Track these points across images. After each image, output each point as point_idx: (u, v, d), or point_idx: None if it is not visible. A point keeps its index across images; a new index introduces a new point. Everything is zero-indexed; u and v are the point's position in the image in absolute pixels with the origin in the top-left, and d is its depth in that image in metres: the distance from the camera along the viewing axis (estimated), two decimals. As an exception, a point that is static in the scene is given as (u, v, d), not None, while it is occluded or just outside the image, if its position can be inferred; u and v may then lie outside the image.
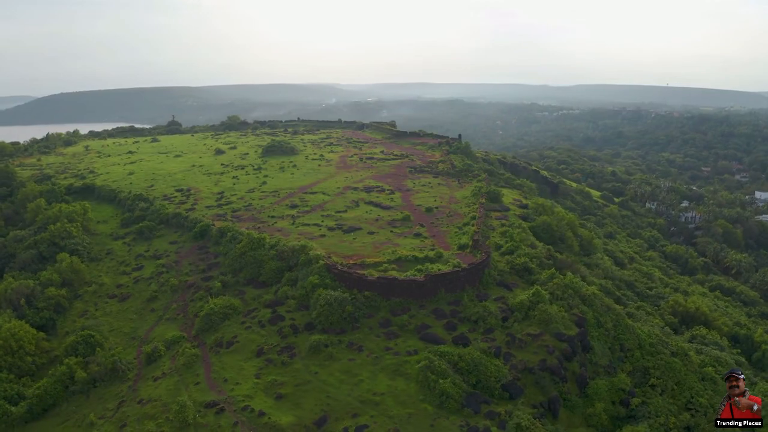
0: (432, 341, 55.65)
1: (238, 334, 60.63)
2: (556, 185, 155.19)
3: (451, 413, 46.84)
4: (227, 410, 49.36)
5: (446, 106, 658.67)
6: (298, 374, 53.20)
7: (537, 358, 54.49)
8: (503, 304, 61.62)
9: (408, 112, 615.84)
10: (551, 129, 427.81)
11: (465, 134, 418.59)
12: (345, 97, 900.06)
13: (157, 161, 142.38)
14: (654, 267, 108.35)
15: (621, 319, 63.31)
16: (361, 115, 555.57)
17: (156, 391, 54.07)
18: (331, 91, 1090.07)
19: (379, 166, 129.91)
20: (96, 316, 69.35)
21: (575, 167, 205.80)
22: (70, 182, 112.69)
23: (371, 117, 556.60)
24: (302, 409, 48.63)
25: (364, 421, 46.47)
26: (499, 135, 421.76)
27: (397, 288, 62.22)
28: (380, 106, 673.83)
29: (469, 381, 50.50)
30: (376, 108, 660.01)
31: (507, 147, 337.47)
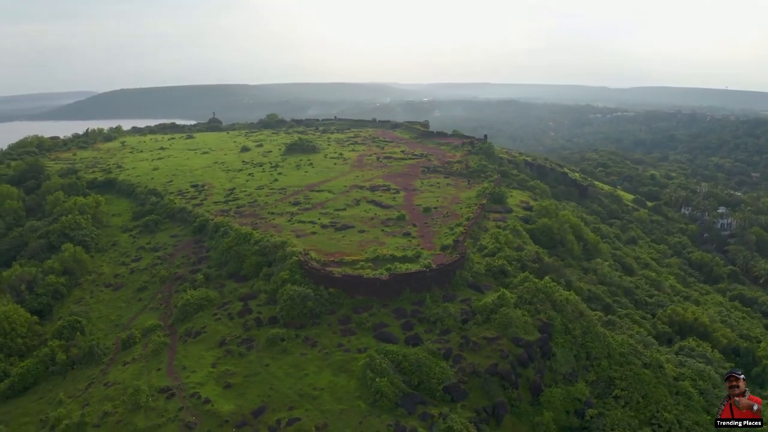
0: (385, 340, 56.86)
1: (207, 324, 63.90)
2: (585, 188, 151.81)
3: (384, 412, 47.96)
4: (177, 396, 52.51)
5: (500, 106, 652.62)
6: (251, 366, 55.74)
7: (488, 362, 54.65)
8: (467, 306, 61.94)
9: (461, 112, 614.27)
10: (603, 131, 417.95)
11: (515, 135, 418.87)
12: (401, 97, 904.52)
13: (184, 158, 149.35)
14: (670, 274, 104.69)
15: (592, 327, 62.20)
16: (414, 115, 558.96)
17: (122, 375, 57.96)
18: (387, 90, 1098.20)
19: (393, 165, 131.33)
20: (89, 303, 74.56)
21: (613, 170, 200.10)
22: (94, 176, 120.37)
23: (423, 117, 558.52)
24: (245, 399, 51.08)
25: (298, 414, 48.36)
26: (550, 136, 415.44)
27: (361, 286, 63.72)
28: (433, 106, 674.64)
29: (411, 381, 51.39)
30: (429, 108, 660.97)
31: (555, 149, 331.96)
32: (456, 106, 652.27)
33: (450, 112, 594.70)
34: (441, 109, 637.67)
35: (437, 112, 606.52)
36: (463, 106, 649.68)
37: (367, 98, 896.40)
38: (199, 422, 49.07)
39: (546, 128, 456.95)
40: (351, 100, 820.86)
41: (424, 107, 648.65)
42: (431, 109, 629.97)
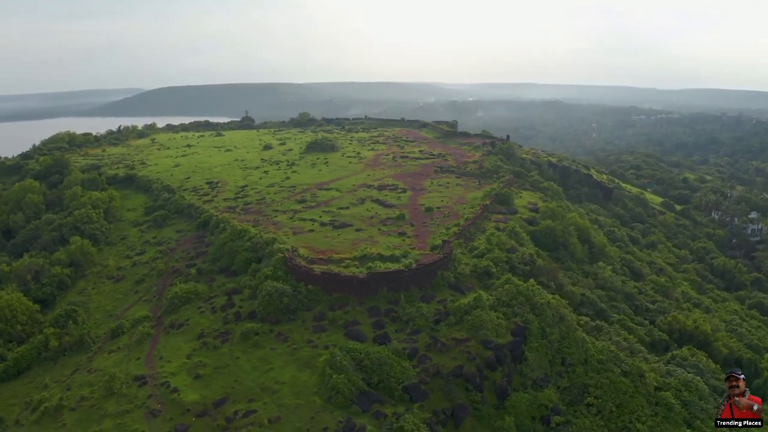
0: (354, 338, 57.82)
1: (191, 317, 66.41)
2: (610, 190, 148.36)
3: (338, 408, 48.95)
4: (149, 384, 55.06)
5: (543, 107, 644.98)
6: (222, 358, 57.77)
7: (454, 364, 54.83)
8: (443, 306, 62.19)
9: (503, 112, 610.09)
10: (645, 133, 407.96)
11: (556, 136, 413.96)
12: (445, 97, 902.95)
13: (206, 155, 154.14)
14: (685, 280, 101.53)
15: (571, 332, 61.28)
16: (456, 115, 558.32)
17: (105, 362, 61.08)
18: (432, 90, 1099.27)
19: (407, 164, 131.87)
20: (90, 294, 78.56)
21: (645, 172, 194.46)
22: (116, 172, 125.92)
23: (466, 117, 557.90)
24: (209, 390, 53.07)
25: (256, 407, 49.97)
26: (592, 138, 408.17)
27: (339, 284, 64.85)
28: (476, 106, 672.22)
29: (371, 380, 52.16)
30: (472, 108, 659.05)
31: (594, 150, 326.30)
32: (499, 106, 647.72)
33: (492, 112, 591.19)
34: (484, 109, 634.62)
35: (480, 112, 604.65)
36: (507, 106, 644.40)
37: (411, 98, 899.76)
38: (163, 410, 51.34)
39: (588, 129, 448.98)
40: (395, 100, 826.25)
41: (467, 107, 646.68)
42: (474, 109, 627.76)
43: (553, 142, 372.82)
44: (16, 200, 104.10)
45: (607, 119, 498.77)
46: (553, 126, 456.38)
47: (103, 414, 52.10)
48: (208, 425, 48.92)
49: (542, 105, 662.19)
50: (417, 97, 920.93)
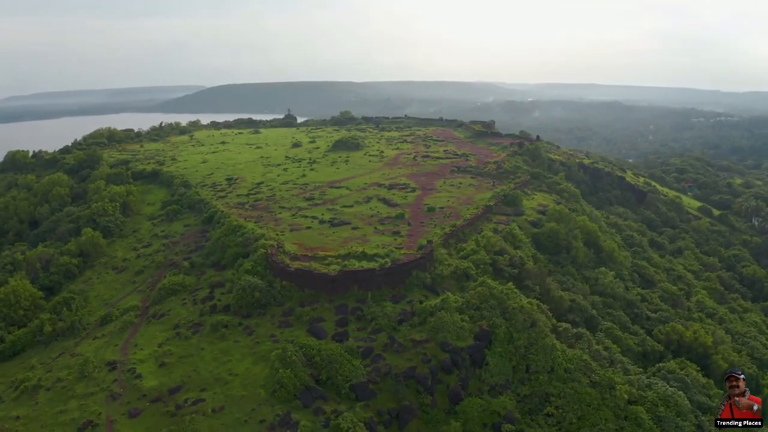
0: (315, 334, 59.02)
1: (173, 308, 69.62)
2: (643, 193, 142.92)
3: (280, 402, 50.26)
4: (118, 369, 58.42)
5: (602, 108, 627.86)
6: (188, 348, 60.39)
7: (407, 365, 55.03)
8: (410, 307, 62.39)
9: (561, 113, 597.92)
10: (702, 136, 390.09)
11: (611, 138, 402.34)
12: (505, 96, 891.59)
13: (236, 152, 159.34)
14: (704, 289, 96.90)
15: (540, 338, 59.99)
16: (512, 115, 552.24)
17: (87, 348, 65.11)
18: (492, 89, 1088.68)
19: (426, 164, 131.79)
20: (93, 283, 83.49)
21: (689, 176, 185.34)
22: (143, 168, 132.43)
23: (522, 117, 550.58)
24: (168, 377, 55.74)
25: (205, 396, 52.09)
26: (648, 140, 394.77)
27: (311, 280, 66.20)
28: (534, 107, 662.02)
29: (320, 376, 53.21)
30: (529, 108, 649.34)
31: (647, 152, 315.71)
32: (556, 107, 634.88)
33: (550, 113, 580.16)
34: (541, 109, 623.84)
35: (537, 112, 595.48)
36: (565, 107, 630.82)
37: (469, 97, 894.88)
38: (124, 394, 54.43)
39: (645, 132, 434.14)
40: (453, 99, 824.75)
41: (524, 107, 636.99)
42: (531, 110, 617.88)
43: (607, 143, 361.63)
44: (44, 193, 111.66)
45: (665, 121, 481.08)
46: (610, 128, 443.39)
47: (71, 395, 55.80)
48: (159, 411, 51.48)
49: (601, 106, 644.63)
50: (476, 97, 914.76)
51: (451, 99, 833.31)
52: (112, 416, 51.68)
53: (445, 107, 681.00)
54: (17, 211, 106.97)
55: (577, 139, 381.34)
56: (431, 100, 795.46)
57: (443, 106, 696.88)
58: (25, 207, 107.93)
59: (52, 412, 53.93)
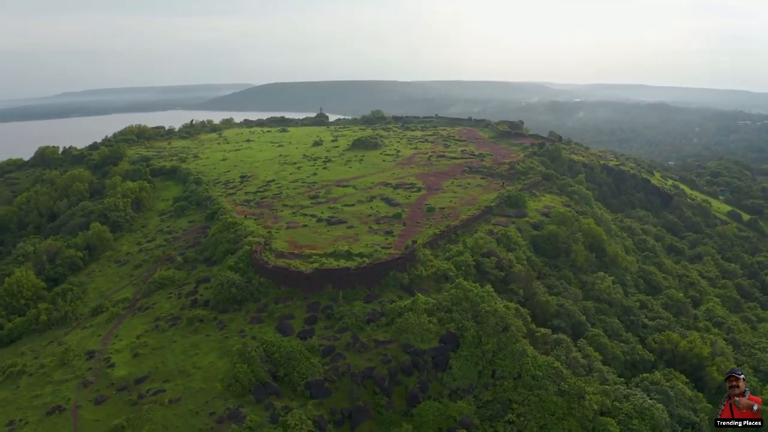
0: (282, 331, 59.99)
1: (158, 302, 72.05)
2: (669, 197, 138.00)
3: (234, 396, 51.41)
4: (95, 358, 60.98)
5: (649, 109, 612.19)
6: (162, 340, 62.40)
7: (366, 365, 55.29)
8: (381, 307, 62.53)
9: (606, 114, 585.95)
10: (748, 139, 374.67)
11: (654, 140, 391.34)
12: (552, 97, 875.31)
13: (258, 150, 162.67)
14: (717, 297, 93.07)
15: (510, 343, 58.99)
16: (556, 115, 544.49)
17: (74, 337, 68.12)
18: (539, 90, 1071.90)
19: (439, 164, 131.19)
20: (95, 276, 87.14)
21: (723, 180, 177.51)
22: (162, 164, 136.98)
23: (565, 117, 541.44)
24: (138, 368, 57.81)
25: (166, 387, 53.79)
26: (692, 143, 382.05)
27: (288, 278, 67.20)
28: (579, 107, 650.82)
29: (278, 372, 54.10)
30: (574, 109, 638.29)
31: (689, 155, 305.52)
32: (602, 108, 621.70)
33: (594, 114, 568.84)
34: (586, 110, 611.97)
35: (581, 113, 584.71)
36: (611, 108, 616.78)
37: (515, 97, 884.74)
38: (95, 382, 56.83)
39: (690, 134, 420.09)
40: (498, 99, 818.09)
41: (569, 108, 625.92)
42: (575, 110, 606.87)
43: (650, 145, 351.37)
44: (65, 188, 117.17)
45: (711, 124, 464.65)
46: (654, 129, 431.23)
47: (48, 381, 58.66)
48: (122, 399, 53.54)
49: (648, 108, 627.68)
50: (522, 97, 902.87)
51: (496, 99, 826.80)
52: (80, 402, 54.06)
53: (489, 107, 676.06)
54: (38, 205, 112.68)
55: (619, 140, 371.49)
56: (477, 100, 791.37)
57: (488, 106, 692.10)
58: (46, 201, 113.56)
59: (28, 396, 56.82)
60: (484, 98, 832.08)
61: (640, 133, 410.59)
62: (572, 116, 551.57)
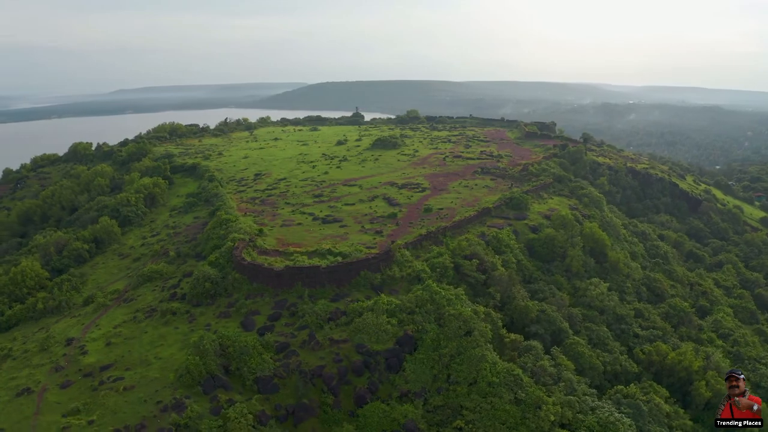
0: (244, 326, 61.45)
1: (143, 294, 74.99)
2: (698, 201, 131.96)
3: (182, 387, 53.10)
4: (72, 345, 64.18)
5: (701, 112, 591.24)
6: (135, 331, 65.01)
7: (317, 363, 55.92)
8: (344, 306, 62.96)
9: (657, 116, 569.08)
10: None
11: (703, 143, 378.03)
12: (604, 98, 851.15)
13: (281, 148, 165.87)
14: (730, 307, 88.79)
15: (470, 348, 58.10)
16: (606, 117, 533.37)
17: (62, 325, 71.77)
18: (592, 91, 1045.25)
19: (452, 164, 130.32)
20: (98, 267, 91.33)
21: (761, 185, 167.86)
22: (184, 161, 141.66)
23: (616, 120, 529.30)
24: (107, 356, 60.50)
25: (126, 375, 56.14)
26: (743, 147, 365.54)
27: (259, 275, 68.60)
28: (630, 110, 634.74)
29: (231, 366, 55.43)
30: (626, 111, 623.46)
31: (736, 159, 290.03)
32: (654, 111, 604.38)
33: (646, 116, 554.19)
34: (638, 112, 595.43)
35: (633, 115, 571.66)
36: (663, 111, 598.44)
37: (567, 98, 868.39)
38: (66, 367, 59.89)
39: (741, 138, 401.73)
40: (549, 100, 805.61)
41: (620, 110, 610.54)
42: (627, 112, 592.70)
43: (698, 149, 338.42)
44: (87, 182, 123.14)
45: (763, 127, 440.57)
46: (704, 132, 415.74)
47: (27, 365, 62.21)
48: (85, 384, 56.22)
49: (701, 110, 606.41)
50: (574, 98, 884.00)
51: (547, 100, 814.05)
52: (48, 385, 57.13)
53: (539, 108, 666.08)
54: (60, 199, 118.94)
55: (667, 143, 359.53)
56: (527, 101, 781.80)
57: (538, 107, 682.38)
58: (68, 195, 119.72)
59: (6, 377, 60.41)
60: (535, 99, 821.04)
61: (688, 136, 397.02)
62: (623, 118, 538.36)
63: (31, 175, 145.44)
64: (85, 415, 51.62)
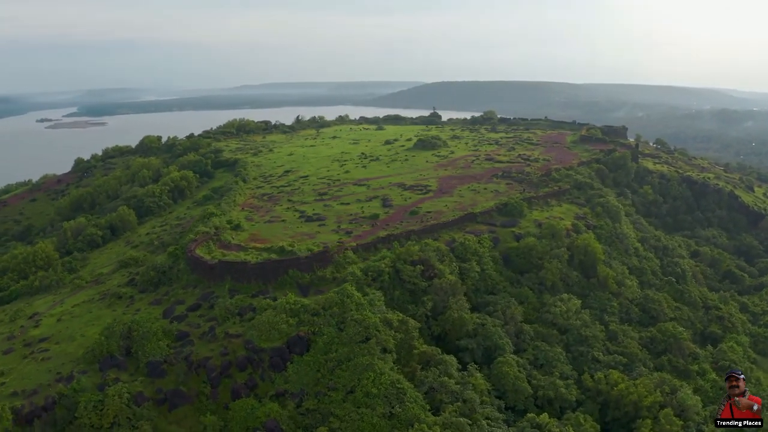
0: (165, 313, 65.93)
1: (113, 278, 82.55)
2: (760, 216, 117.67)
3: (84, 363, 58.79)
4: (33, 319, 72.35)
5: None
6: (84, 310, 72.37)
7: (205, 354, 58.54)
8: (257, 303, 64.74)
9: None
10: None
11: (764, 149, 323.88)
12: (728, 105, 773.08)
13: (330, 146, 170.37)
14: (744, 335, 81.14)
15: (360, 355, 57.24)
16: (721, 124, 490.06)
17: (44, 301, 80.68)
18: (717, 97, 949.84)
19: (475, 167, 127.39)
20: (104, 252, 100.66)
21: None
22: (228, 157, 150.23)
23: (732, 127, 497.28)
24: (50, 330, 68.65)
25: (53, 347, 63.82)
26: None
27: (198, 267, 72.42)
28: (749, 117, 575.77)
29: (132, 348, 59.57)
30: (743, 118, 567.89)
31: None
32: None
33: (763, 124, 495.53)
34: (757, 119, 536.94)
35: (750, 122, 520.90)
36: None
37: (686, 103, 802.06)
38: (17, 337, 67.78)
39: None
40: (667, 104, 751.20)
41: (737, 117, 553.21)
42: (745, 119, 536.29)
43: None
44: (134, 174, 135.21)
45: None
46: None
47: (-6, 334, 70.90)
48: (21, 352, 64.46)
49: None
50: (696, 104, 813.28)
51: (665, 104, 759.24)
52: (-6, 352, 64.98)
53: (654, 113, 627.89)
54: (107, 188, 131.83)
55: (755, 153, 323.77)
56: (644, 105, 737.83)
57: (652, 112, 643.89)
58: (114, 185, 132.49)
59: (-30, 342, 69.30)
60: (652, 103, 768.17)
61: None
62: (739, 125, 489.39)
63: (99, 165, 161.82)
64: (2, 378, 58.26)
